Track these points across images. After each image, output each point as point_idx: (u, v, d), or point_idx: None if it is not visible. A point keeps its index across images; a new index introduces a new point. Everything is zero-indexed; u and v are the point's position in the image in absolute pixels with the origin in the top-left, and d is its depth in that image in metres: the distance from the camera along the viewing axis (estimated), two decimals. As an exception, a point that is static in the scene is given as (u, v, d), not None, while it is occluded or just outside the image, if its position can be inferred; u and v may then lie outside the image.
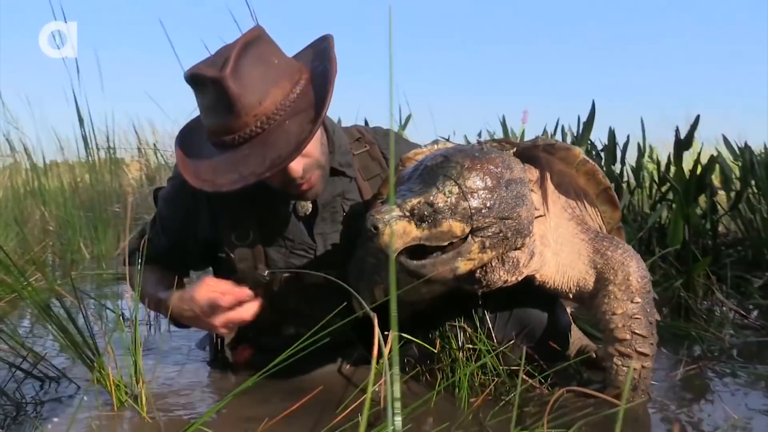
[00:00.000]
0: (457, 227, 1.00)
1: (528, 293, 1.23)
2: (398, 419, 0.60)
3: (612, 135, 2.68)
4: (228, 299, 1.22)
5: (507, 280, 1.12)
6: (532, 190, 1.13)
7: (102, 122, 6.40)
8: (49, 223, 3.29)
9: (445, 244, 1.01)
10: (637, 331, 1.16)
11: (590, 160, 1.21)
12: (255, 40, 1.21)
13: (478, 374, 1.30)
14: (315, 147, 1.27)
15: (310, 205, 1.39)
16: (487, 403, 1.22)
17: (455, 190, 1.00)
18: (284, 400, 1.24)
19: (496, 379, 1.29)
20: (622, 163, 2.75)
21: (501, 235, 1.03)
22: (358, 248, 1.31)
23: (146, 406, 1.22)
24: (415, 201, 0.99)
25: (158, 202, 1.51)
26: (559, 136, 2.73)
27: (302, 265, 1.40)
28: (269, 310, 1.44)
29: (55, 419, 1.23)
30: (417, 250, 1.03)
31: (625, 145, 2.73)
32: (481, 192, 1.01)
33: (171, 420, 1.22)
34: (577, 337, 1.43)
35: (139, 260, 1.36)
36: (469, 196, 1.01)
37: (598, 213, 1.31)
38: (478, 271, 1.11)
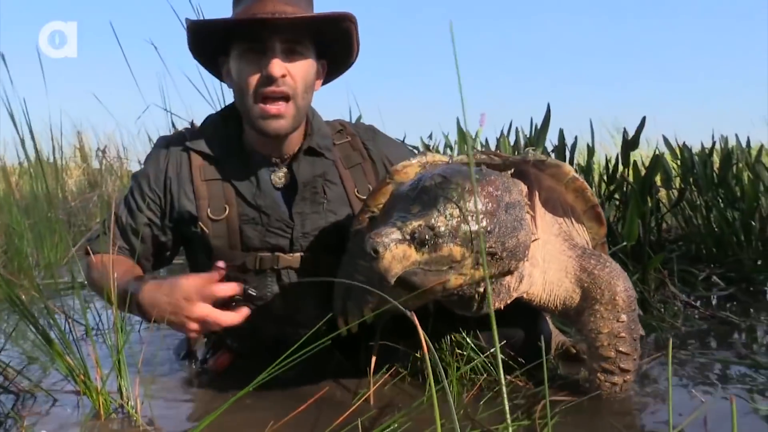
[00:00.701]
0: (458, 251, 0.97)
1: (510, 305, 1.23)
2: None
3: (562, 136, 2.80)
4: (216, 287, 1.24)
5: (498, 306, 1.13)
6: (530, 213, 1.13)
7: (44, 125, 6.16)
8: (-7, 232, 3.15)
9: (444, 268, 0.98)
10: (621, 349, 1.19)
11: (579, 178, 1.23)
12: None
13: (467, 372, 1.34)
14: (301, 77, 1.35)
15: (285, 178, 1.44)
16: (476, 398, 1.27)
17: (456, 213, 0.97)
18: (275, 407, 1.25)
19: (484, 375, 1.34)
20: (571, 163, 2.87)
21: (497, 255, 1.01)
22: (346, 264, 1.31)
23: (137, 417, 1.20)
24: (416, 224, 0.96)
25: (136, 176, 1.50)
26: (512, 138, 2.82)
27: (279, 244, 1.42)
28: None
29: (42, 432, 1.20)
30: None
31: (573, 146, 2.84)
32: (482, 215, 0.99)
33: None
34: (554, 335, 1.50)
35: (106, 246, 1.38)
36: (471, 219, 0.98)
37: (585, 229, 1.33)
38: (469, 299, 1.10)
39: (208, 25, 1.38)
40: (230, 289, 1.26)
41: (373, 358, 1.35)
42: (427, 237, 0.96)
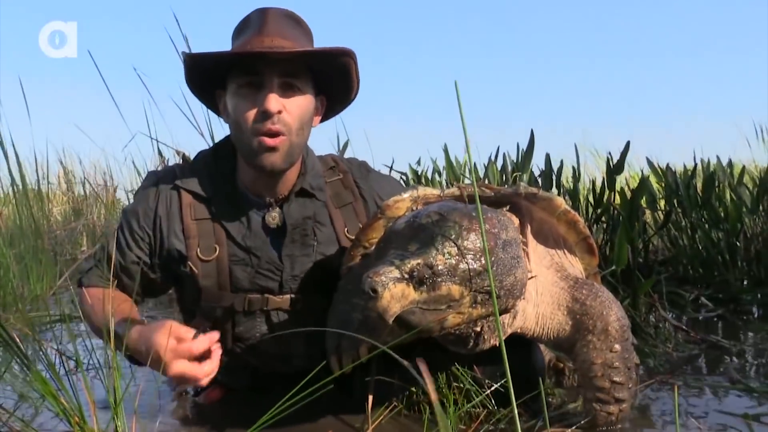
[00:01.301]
0: (456, 290, 0.97)
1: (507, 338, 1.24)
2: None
3: (548, 161, 2.83)
4: (188, 349, 1.20)
5: (494, 343, 1.13)
6: (525, 249, 1.13)
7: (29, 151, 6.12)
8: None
9: (443, 307, 0.98)
10: (615, 379, 1.18)
11: (571, 210, 1.24)
12: (301, 21, 1.41)
13: (464, 404, 1.33)
14: (296, 114, 1.34)
15: (279, 218, 1.41)
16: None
17: (454, 251, 0.97)
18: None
19: (484, 411, 1.33)
20: (558, 187, 2.90)
21: (496, 294, 1.00)
22: (338, 302, 1.30)
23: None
24: (414, 262, 0.95)
25: (125, 213, 1.48)
26: (500, 164, 2.85)
27: (269, 286, 1.40)
28: (236, 349, 1.46)
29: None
30: None
31: (559, 170, 2.88)
32: (480, 254, 0.99)
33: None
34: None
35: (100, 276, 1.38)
36: (469, 257, 0.98)
37: (577, 259, 1.34)
38: (465, 336, 1.11)
39: (205, 58, 1.36)
40: (205, 343, 1.22)
41: (370, 397, 1.34)
42: (425, 276, 0.95)
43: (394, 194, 1.51)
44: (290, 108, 1.32)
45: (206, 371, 1.22)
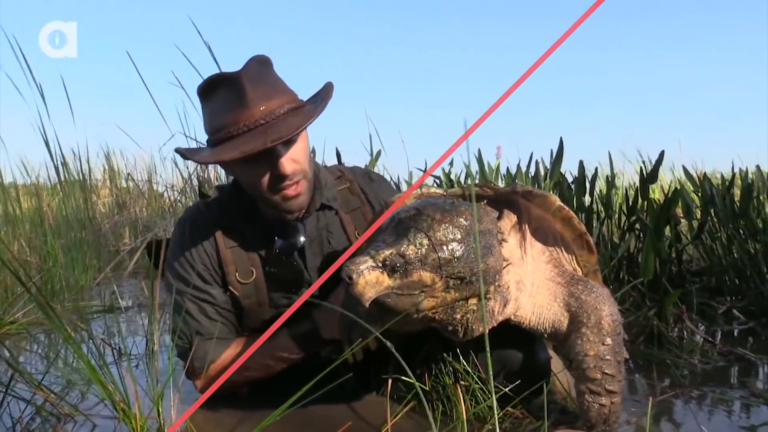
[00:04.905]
0: (427, 277, 1.07)
1: (507, 330, 1.29)
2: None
3: (582, 168, 2.84)
4: None
5: (482, 331, 1.17)
6: (504, 240, 1.20)
7: (73, 146, 6.32)
8: (28, 254, 3.25)
9: (416, 292, 1.08)
10: (607, 371, 1.23)
11: (566, 207, 1.29)
12: (266, 62, 1.40)
13: (472, 406, 1.37)
14: (304, 155, 1.40)
15: (301, 239, 1.50)
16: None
17: (425, 242, 1.08)
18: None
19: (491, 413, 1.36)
20: (591, 195, 2.90)
21: (466, 279, 1.10)
22: (349, 297, 1.34)
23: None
24: (387, 252, 1.06)
25: (170, 268, 1.53)
26: (533, 169, 2.87)
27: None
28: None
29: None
30: None
31: (593, 177, 2.88)
32: (450, 244, 1.09)
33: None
34: (559, 371, 1.51)
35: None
36: (438, 247, 1.08)
37: (574, 257, 1.38)
38: (456, 322, 1.16)
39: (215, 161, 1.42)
40: None
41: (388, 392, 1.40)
42: (398, 264, 1.06)
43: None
44: (297, 156, 1.38)
45: None
